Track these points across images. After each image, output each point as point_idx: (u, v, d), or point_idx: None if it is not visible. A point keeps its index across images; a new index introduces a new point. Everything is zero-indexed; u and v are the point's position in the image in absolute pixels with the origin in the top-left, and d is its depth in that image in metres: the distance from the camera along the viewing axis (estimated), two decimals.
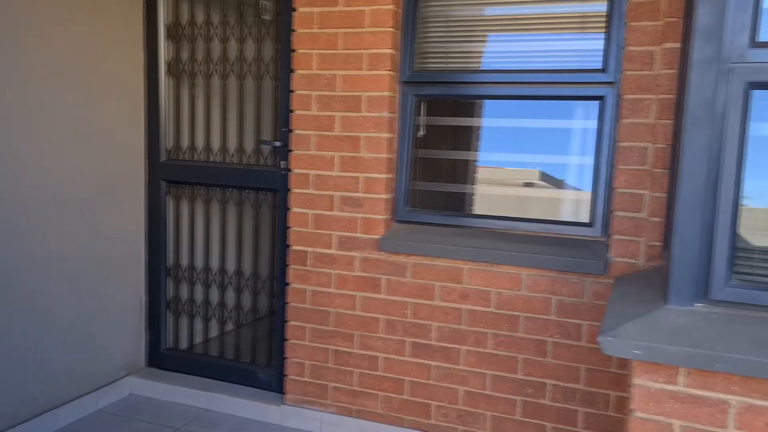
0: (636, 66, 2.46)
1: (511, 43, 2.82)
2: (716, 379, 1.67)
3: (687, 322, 1.71)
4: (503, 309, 2.72)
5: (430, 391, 2.87)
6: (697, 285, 1.76)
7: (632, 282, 2.26)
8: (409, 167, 2.96)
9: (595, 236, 2.68)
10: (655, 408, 1.73)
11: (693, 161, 1.72)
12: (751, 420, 1.65)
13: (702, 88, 1.69)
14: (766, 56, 1.64)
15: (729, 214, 1.71)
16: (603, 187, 2.64)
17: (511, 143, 2.89)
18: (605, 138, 2.62)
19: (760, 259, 1.78)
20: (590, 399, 2.62)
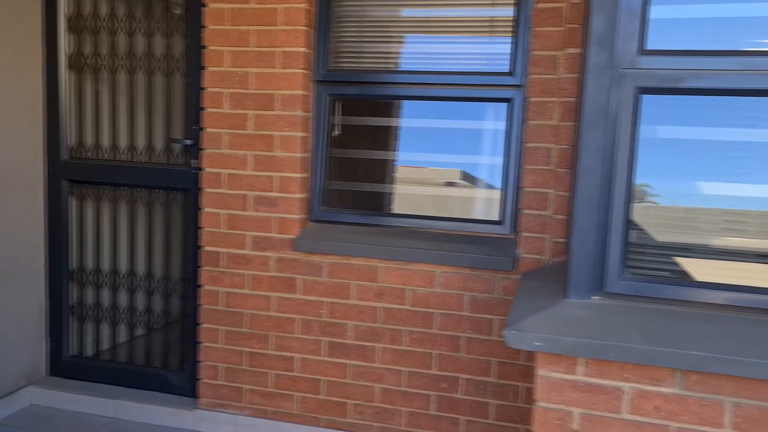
0: (541, 70, 2.56)
1: (424, 44, 2.87)
2: (611, 368, 1.77)
3: (584, 315, 1.80)
4: (418, 306, 2.77)
5: (347, 389, 2.88)
6: (593, 279, 1.86)
7: (537, 277, 2.35)
8: (324, 167, 2.96)
9: (504, 234, 2.77)
10: (557, 397, 1.81)
11: (589, 162, 1.81)
12: (642, 405, 1.76)
13: (597, 92, 1.78)
14: (652, 63, 1.75)
15: (622, 212, 1.81)
16: (512, 186, 2.73)
17: (426, 143, 2.94)
18: (513, 139, 2.72)
19: (651, 254, 1.89)
20: (501, 391, 2.71)
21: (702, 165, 1.84)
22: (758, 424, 1.68)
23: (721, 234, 1.85)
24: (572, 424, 1.80)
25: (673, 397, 1.73)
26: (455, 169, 2.91)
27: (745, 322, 1.75)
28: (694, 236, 1.87)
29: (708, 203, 1.86)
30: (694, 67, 1.74)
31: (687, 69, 1.75)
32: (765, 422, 1.68)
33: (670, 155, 1.85)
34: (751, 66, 1.72)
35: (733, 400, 1.70)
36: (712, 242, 1.85)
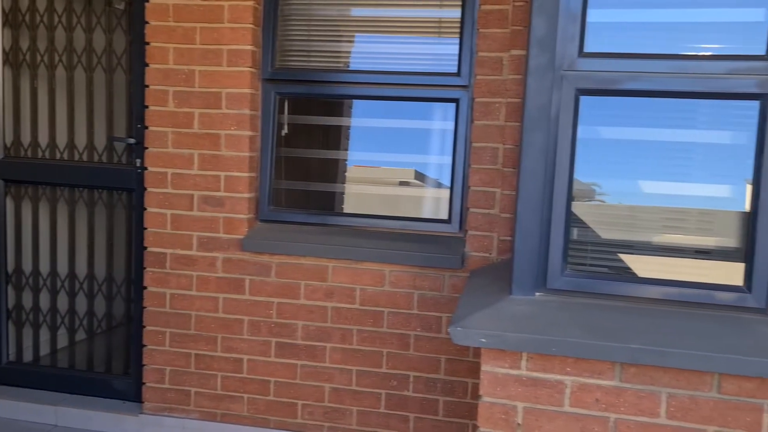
0: (487, 71, 2.60)
1: (373, 44, 2.87)
2: (553, 362, 1.81)
3: (528, 311, 1.85)
4: (368, 305, 2.78)
5: (297, 390, 2.86)
6: (537, 276, 1.90)
7: (484, 275, 2.39)
8: (273, 166, 2.93)
9: (453, 232, 2.80)
10: (502, 392, 1.84)
11: (531, 162, 1.85)
12: (583, 397, 1.81)
13: (538, 93, 1.82)
14: (592, 65, 1.80)
15: (563, 210, 1.86)
16: (459, 185, 2.77)
17: (377, 143, 2.95)
18: (461, 139, 2.75)
19: (592, 251, 1.95)
20: (450, 388, 2.74)
21: (642, 164, 1.90)
22: (690, 412, 1.75)
23: (662, 231, 1.92)
24: (516, 418, 1.84)
25: (613, 390, 1.79)
26: (409, 169, 2.93)
27: (680, 315, 1.82)
28: (636, 233, 1.93)
29: (649, 201, 1.93)
30: (631, 70, 1.80)
31: (624, 71, 1.81)
32: (696, 410, 1.75)
33: (610, 155, 1.91)
34: (684, 69, 1.79)
35: (669, 391, 1.77)
36: (653, 239, 1.92)
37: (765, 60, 1.73)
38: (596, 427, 1.80)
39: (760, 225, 1.78)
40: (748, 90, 1.75)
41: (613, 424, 1.80)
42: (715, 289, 1.85)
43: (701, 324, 1.78)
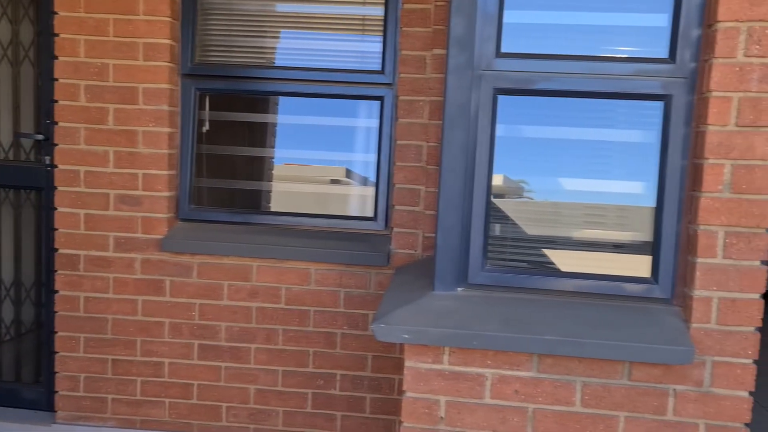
0: (410, 69, 2.62)
1: (297, 40, 2.84)
2: (474, 356, 1.85)
3: (449, 306, 1.88)
4: (293, 304, 2.75)
5: (221, 392, 2.80)
6: (458, 272, 1.93)
7: (409, 271, 2.41)
8: (193, 164, 2.85)
9: (378, 230, 2.81)
10: (425, 387, 1.87)
11: (451, 160, 1.88)
12: (503, 389, 1.85)
13: (457, 92, 1.85)
14: (508, 65, 1.85)
15: (482, 206, 1.90)
16: (384, 183, 2.78)
17: (302, 140, 2.92)
18: (385, 136, 2.76)
19: (512, 246, 2.00)
20: (377, 385, 2.75)
21: (563, 162, 1.97)
22: (603, 399, 1.83)
23: (583, 226, 1.99)
24: (439, 411, 1.86)
25: (531, 380, 1.85)
26: (340, 167, 2.92)
27: (594, 307, 1.90)
28: (558, 229, 1.99)
29: (571, 198, 2.00)
30: (545, 70, 1.86)
31: (539, 71, 1.86)
32: (608, 398, 1.83)
33: (533, 153, 1.97)
34: (595, 70, 1.86)
35: (583, 380, 1.84)
36: (573, 234, 1.99)
37: (668, 63, 1.83)
38: (515, 418, 1.85)
39: (665, 220, 1.87)
40: (653, 91, 1.85)
41: (532, 414, 1.85)
42: (625, 281, 1.93)
43: (613, 315, 1.86)
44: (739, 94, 1.74)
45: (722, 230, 1.78)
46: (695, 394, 1.82)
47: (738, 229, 1.78)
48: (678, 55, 1.81)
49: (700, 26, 1.80)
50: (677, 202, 1.87)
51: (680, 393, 1.82)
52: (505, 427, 1.85)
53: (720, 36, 1.72)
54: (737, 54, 1.72)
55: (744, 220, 1.77)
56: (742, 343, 1.80)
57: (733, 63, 1.72)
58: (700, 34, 1.80)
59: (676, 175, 1.86)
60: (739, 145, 1.75)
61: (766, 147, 1.75)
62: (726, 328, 1.80)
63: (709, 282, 1.80)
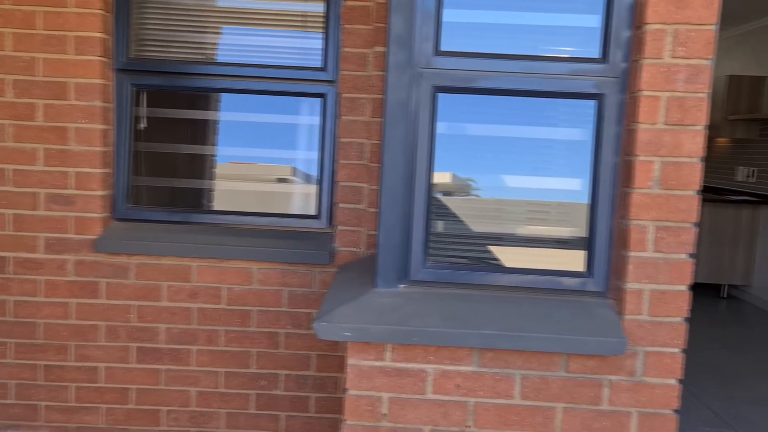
0: (352, 67, 2.62)
1: (237, 36, 2.79)
2: (416, 352, 1.86)
3: (391, 303, 1.88)
4: (235, 304, 2.70)
5: (160, 396, 2.73)
6: (400, 268, 1.94)
7: (352, 269, 2.41)
8: (129, 162, 2.76)
9: (321, 228, 2.80)
10: (367, 384, 1.87)
11: (392, 157, 1.88)
12: (444, 384, 1.88)
13: (397, 90, 1.86)
14: (447, 64, 1.87)
15: (423, 203, 1.91)
16: (327, 180, 2.77)
17: (244, 138, 2.87)
18: (328, 134, 2.75)
19: (452, 243, 2.02)
20: (321, 384, 2.74)
21: (505, 160, 2.00)
22: (541, 391, 1.88)
23: (523, 223, 2.03)
24: (382, 408, 1.87)
25: (472, 375, 1.88)
26: (285, 166, 2.88)
27: (532, 301, 1.94)
28: (500, 225, 2.02)
29: (513, 195, 2.03)
30: (484, 69, 1.89)
31: (478, 70, 1.89)
32: (546, 390, 1.88)
33: (473, 151, 1.99)
34: (531, 69, 1.90)
35: (522, 373, 1.88)
36: (515, 231, 2.02)
37: (600, 63, 1.88)
38: (457, 412, 1.88)
39: (598, 215, 1.93)
40: (586, 90, 1.90)
41: (472, 408, 1.88)
42: (563, 276, 1.99)
43: (550, 308, 1.91)
44: (667, 94, 1.80)
45: (652, 225, 1.85)
46: (628, 383, 1.89)
47: (667, 223, 1.85)
48: (610, 56, 1.87)
49: (630, 28, 1.86)
50: (610, 198, 1.93)
51: (614, 383, 1.88)
52: (446, 422, 1.87)
53: (648, 37, 1.78)
54: (664, 55, 1.79)
55: (672, 215, 1.84)
56: (671, 333, 1.87)
57: (660, 64, 1.79)
58: (631, 35, 1.86)
59: (609, 172, 1.92)
60: (668, 143, 1.82)
61: (692, 145, 1.82)
62: (656, 319, 1.87)
63: (640, 275, 1.86)
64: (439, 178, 1.98)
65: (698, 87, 1.80)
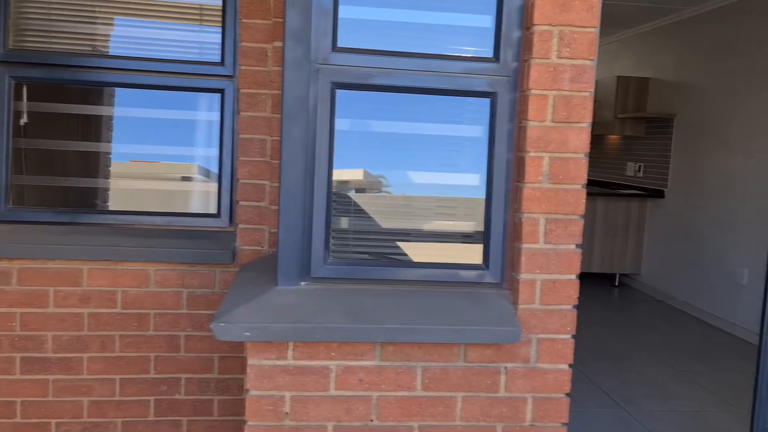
0: (251, 62, 2.57)
1: (129, 28, 2.67)
2: (318, 349, 1.86)
3: (293, 301, 1.87)
4: (131, 308, 2.59)
5: (49, 408, 2.57)
6: (301, 266, 1.93)
7: (254, 268, 2.37)
8: (9, 160, 2.58)
9: (223, 226, 2.73)
10: (269, 384, 1.84)
11: (291, 154, 1.87)
12: (347, 380, 1.88)
13: (295, 85, 1.84)
14: (345, 60, 1.87)
15: (324, 200, 1.91)
16: (228, 178, 2.70)
17: (141, 134, 2.74)
18: (227, 130, 2.68)
19: (354, 239, 2.03)
20: (224, 386, 2.67)
21: (406, 156, 2.02)
22: (441, 382, 1.92)
23: (424, 218, 2.06)
24: (284, 407, 1.85)
25: (374, 369, 1.89)
26: (185, 164, 2.77)
27: (434, 294, 1.98)
28: (401, 221, 2.05)
29: (414, 191, 2.06)
30: (382, 66, 1.91)
31: (376, 67, 1.90)
32: (446, 380, 1.92)
33: (376, 147, 2.00)
34: (428, 67, 1.94)
35: (423, 365, 1.92)
36: (416, 226, 2.05)
37: (492, 62, 1.95)
38: (360, 407, 1.89)
39: (493, 209, 2.00)
40: (480, 88, 1.96)
41: (376, 402, 1.90)
42: (461, 269, 2.04)
43: (450, 301, 1.96)
44: (554, 93, 1.89)
45: (543, 217, 1.94)
46: (523, 370, 1.97)
47: (556, 216, 1.94)
48: (501, 55, 1.94)
49: (520, 28, 1.94)
50: (505, 193, 2.00)
51: (510, 370, 1.96)
52: (350, 417, 1.88)
53: (536, 38, 1.86)
54: (551, 55, 1.87)
55: (561, 208, 1.94)
56: (562, 320, 1.97)
57: (548, 63, 1.88)
58: (520, 35, 1.94)
59: (503, 167, 1.99)
60: (556, 140, 1.91)
61: (577, 141, 1.92)
62: (548, 308, 1.96)
63: (533, 266, 1.94)
64: (351, 175, 1.99)
65: (582, 86, 1.90)
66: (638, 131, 7.05)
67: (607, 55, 8.07)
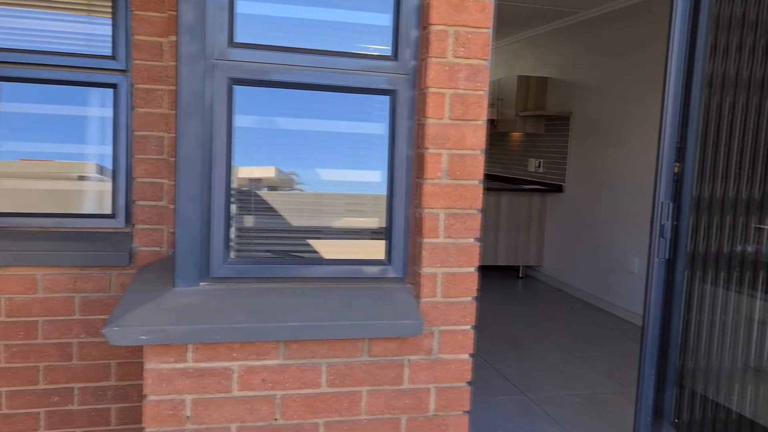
0: (146, 56, 2.47)
1: (12, 18, 2.49)
2: (219, 350, 1.82)
3: (192, 302, 1.82)
4: (17, 316, 2.43)
5: None
6: (200, 265, 1.88)
7: (153, 270, 2.28)
8: None
9: (119, 227, 2.61)
10: (168, 388, 1.79)
11: (187, 151, 1.81)
12: (250, 380, 1.85)
13: (191, 81, 1.79)
14: (243, 55, 1.84)
15: (222, 198, 1.87)
16: (123, 177, 2.59)
17: (30, 132, 2.57)
18: (122, 127, 2.57)
19: (255, 237, 2.00)
20: (122, 394, 2.57)
21: (310, 154, 2.01)
22: (346, 377, 1.93)
23: (329, 215, 2.06)
24: (185, 411, 1.80)
25: (278, 368, 1.88)
26: (81, 162, 2.62)
27: (336, 290, 1.98)
28: (307, 218, 2.03)
29: (321, 188, 2.05)
30: (281, 62, 1.89)
31: (274, 63, 1.88)
32: (351, 375, 1.94)
33: (280, 144, 1.98)
34: (328, 64, 1.94)
35: (327, 361, 1.92)
36: (321, 223, 2.05)
37: (392, 60, 1.97)
38: (264, 406, 1.87)
39: (395, 205, 2.03)
40: (380, 86, 1.98)
41: (280, 401, 1.89)
42: (365, 264, 2.05)
43: (354, 297, 1.97)
44: (451, 91, 1.94)
45: (443, 212, 1.98)
46: (426, 361, 2.01)
47: (455, 210, 1.99)
48: (400, 54, 1.97)
49: (417, 27, 1.97)
50: (406, 189, 2.03)
51: (413, 362, 2.00)
52: (253, 417, 1.86)
53: (433, 38, 1.90)
54: (448, 54, 1.92)
55: (459, 203, 1.99)
56: (462, 312, 2.03)
57: (444, 62, 1.93)
58: (418, 35, 1.98)
59: (404, 164, 2.02)
60: (453, 137, 1.97)
61: (474, 138, 1.98)
62: (449, 300, 2.01)
63: (434, 260, 1.99)
64: (262, 173, 1.96)
65: (478, 85, 1.96)
66: (539, 129, 7.37)
67: (509, 55, 8.37)
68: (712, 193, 2.56)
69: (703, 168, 2.52)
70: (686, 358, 2.58)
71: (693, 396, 2.64)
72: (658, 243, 2.46)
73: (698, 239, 2.55)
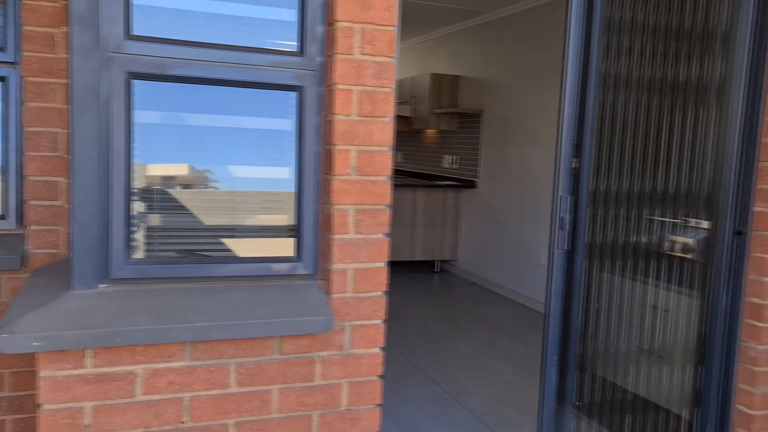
0: (37, 48, 2.33)
1: None
2: (121, 354, 1.75)
3: (90, 305, 1.74)
4: None
5: None
6: (99, 267, 1.80)
7: (48, 273, 2.17)
8: None
9: (9, 229, 2.45)
10: (65, 396, 1.70)
11: (83, 147, 1.73)
12: (155, 383, 1.80)
13: (85, 74, 1.71)
14: (141, 49, 1.77)
15: (122, 196, 1.80)
16: (14, 175, 2.43)
17: None
18: (12, 122, 2.41)
19: (160, 236, 1.94)
20: (18, 404, 2.42)
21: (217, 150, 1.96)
22: (256, 376, 1.91)
23: (242, 213, 2.02)
24: (84, 419, 1.73)
25: (184, 369, 1.83)
26: None
27: (247, 289, 1.95)
28: (215, 216, 1.98)
29: (231, 186, 2.01)
30: (182, 56, 1.84)
31: (175, 57, 1.83)
32: (261, 374, 1.92)
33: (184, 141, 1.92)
34: (233, 59, 1.90)
35: (236, 361, 1.89)
36: (232, 221, 2.00)
37: (298, 56, 1.96)
38: (170, 409, 1.82)
39: (304, 201, 2.02)
40: (287, 82, 1.97)
41: (188, 402, 1.84)
42: (275, 262, 2.04)
43: (263, 295, 1.95)
44: (359, 88, 1.96)
45: (353, 208, 2.00)
46: (338, 357, 2.02)
47: (365, 206, 2.01)
48: (306, 50, 1.96)
49: (323, 24, 1.97)
50: (315, 185, 2.03)
51: (325, 358, 2.00)
52: (159, 421, 1.80)
53: (339, 34, 1.91)
54: (354, 51, 1.93)
55: (369, 199, 2.01)
56: (373, 306, 2.05)
57: (351, 59, 1.93)
58: (324, 31, 1.98)
59: (312, 160, 2.02)
60: (362, 133, 1.98)
61: (382, 135, 2.01)
62: (360, 295, 2.03)
63: (344, 255, 2.00)
64: (175, 171, 1.90)
65: (384, 82, 1.99)
66: (452, 126, 7.54)
67: (423, 53, 8.51)
68: (607, 187, 2.71)
69: (599, 163, 2.67)
70: (586, 343, 2.72)
71: (593, 379, 2.79)
72: (558, 235, 2.58)
73: (595, 231, 2.70)
